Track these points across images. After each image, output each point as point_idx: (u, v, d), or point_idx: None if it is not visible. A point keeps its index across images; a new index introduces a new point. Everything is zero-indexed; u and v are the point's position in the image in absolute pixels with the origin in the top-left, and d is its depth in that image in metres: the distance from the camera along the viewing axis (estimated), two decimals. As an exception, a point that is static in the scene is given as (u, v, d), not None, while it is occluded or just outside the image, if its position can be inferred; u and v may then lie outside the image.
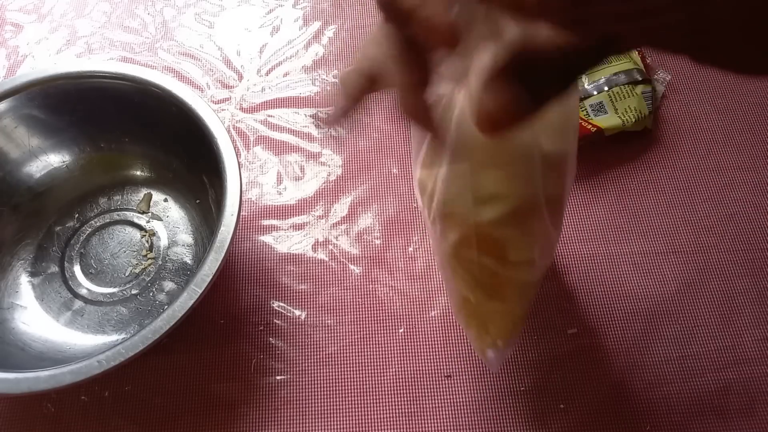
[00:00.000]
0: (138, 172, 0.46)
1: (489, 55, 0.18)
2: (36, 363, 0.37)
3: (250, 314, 0.41)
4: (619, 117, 0.45)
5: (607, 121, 0.45)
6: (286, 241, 0.44)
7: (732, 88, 0.50)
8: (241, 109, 0.50)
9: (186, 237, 0.44)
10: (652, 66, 0.50)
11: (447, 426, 0.38)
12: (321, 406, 0.38)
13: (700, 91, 0.50)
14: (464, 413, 0.38)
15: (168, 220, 0.44)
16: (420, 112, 0.23)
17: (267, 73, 0.52)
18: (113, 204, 0.45)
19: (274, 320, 0.41)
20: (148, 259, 0.43)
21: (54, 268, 0.43)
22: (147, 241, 0.43)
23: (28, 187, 0.44)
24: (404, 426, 0.38)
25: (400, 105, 0.22)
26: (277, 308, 0.42)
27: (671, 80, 0.50)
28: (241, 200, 0.36)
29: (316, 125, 0.44)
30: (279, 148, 0.48)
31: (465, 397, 0.38)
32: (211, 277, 0.33)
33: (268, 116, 0.50)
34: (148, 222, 0.44)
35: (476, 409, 0.38)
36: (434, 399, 0.38)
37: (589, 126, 0.45)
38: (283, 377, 0.39)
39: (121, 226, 0.44)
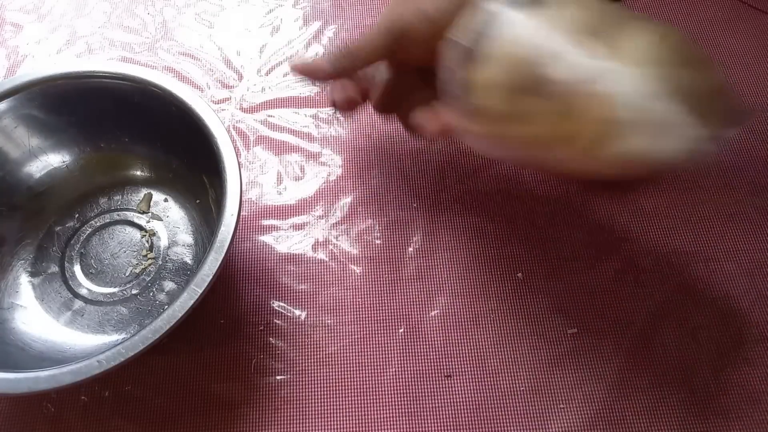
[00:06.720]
0: (138, 172, 0.46)
1: None
2: (36, 363, 0.37)
3: (250, 314, 0.41)
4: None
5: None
6: (286, 241, 0.44)
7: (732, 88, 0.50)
8: (241, 109, 0.50)
9: (186, 237, 0.44)
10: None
11: (447, 426, 0.38)
12: (321, 406, 0.38)
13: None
14: (464, 413, 0.38)
15: (168, 220, 0.44)
16: None
17: (267, 73, 0.52)
18: (113, 204, 0.45)
19: (274, 320, 0.41)
20: (148, 259, 0.43)
21: (54, 268, 0.43)
22: (147, 241, 0.43)
23: (28, 187, 0.44)
24: (404, 426, 0.38)
25: None
26: (277, 308, 0.42)
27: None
28: (241, 200, 0.36)
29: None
30: (279, 148, 0.48)
31: (465, 397, 0.38)
32: (211, 277, 0.33)
33: (268, 116, 0.50)
34: (148, 222, 0.44)
35: (476, 409, 0.38)
36: (434, 399, 0.38)
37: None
38: (283, 377, 0.39)
39: (121, 226, 0.44)
